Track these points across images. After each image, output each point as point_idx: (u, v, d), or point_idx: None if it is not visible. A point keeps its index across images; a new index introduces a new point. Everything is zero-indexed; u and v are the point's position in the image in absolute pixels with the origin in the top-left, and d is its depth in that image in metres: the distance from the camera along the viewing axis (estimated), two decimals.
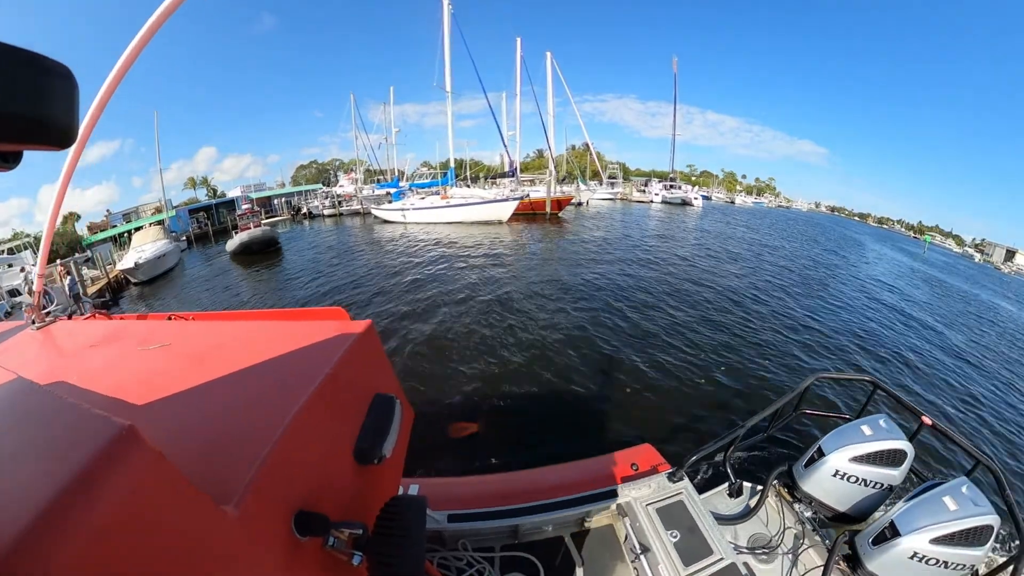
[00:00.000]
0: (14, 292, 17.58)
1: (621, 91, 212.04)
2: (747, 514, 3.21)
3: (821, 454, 2.98)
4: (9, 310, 15.17)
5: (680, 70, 66.64)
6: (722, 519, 3.13)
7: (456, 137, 37.13)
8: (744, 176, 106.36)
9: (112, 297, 22.00)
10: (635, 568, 2.68)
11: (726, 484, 3.42)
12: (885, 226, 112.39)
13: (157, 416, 1.01)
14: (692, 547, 2.63)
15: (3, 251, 25.34)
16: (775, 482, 3.33)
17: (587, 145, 62.79)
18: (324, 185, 65.30)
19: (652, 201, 52.75)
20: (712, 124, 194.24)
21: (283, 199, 55.64)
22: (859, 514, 2.95)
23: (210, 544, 0.65)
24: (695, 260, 18.12)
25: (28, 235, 41.60)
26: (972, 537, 2.29)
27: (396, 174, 56.65)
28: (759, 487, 3.44)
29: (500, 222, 30.30)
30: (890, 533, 2.48)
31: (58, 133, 0.50)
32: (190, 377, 1.19)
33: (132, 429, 0.59)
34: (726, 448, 3.43)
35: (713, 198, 67.85)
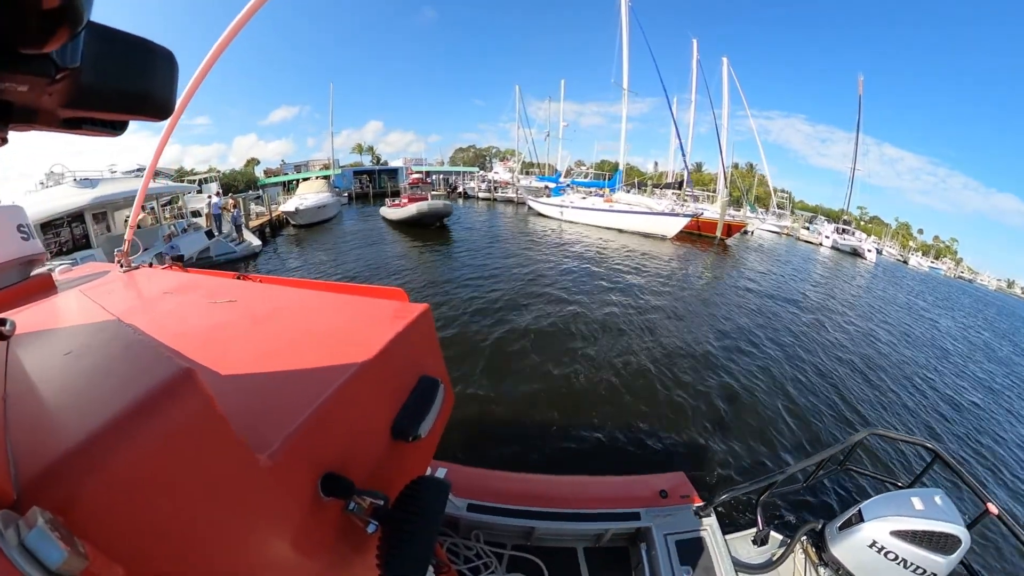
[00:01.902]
0: (196, 213, 20.14)
1: (788, 109, 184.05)
2: (768, 566, 2.95)
3: (860, 518, 2.65)
4: (186, 227, 16.77)
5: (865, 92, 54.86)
6: (741, 565, 2.86)
7: (611, 140, 34.91)
8: (921, 231, 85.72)
9: (271, 233, 23.42)
10: None
11: (753, 530, 3.24)
12: None
13: (214, 364, 1.04)
14: None
15: (196, 181, 28.55)
16: (804, 538, 3.04)
17: (751, 165, 57.01)
18: (480, 169, 66.16)
19: (821, 244, 44.92)
20: (889, 161, 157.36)
21: (441, 176, 58.04)
22: None
23: (239, 486, 0.68)
24: (872, 345, 11.85)
25: (220, 171, 47.56)
26: None
27: (551, 170, 55.62)
28: (786, 539, 3.20)
29: (663, 238, 26.28)
30: None
31: (159, 106, 0.57)
32: (250, 333, 1.26)
33: (190, 371, 0.63)
34: (760, 492, 3.20)
35: (884, 252, 55.84)
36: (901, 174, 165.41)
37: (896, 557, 2.47)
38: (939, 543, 2.40)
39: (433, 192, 28.12)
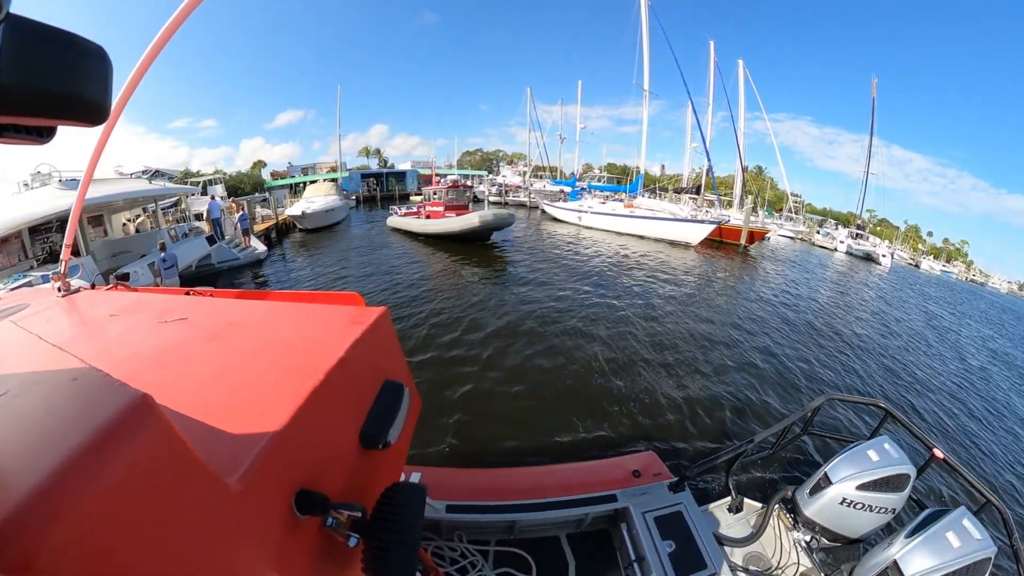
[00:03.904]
0: (200, 216, 19.11)
1: (795, 111, 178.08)
2: (751, 539, 3.09)
3: (828, 481, 2.92)
4: (187, 232, 15.74)
5: (865, 94, 53.37)
6: (726, 540, 3.04)
7: (617, 143, 34.12)
8: (930, 233, 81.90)
9: (277, 238, 22.34)
10: (627, 575, 2.75)
11: (727, 499, 3.40)
12: None
13: (170, 387, 1.01)
14: (686, 559, 2.64)
15: (200, 183, 27.75)
16: (777, 507, 3.24)
17: (760, 168, 55.67)
18: (488, 173, 65.34)
19: (836, 249, 43.44)
20: (897, 162, 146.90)
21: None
22: (861, 537, 2.93)
23: (212, 515, 0.66)
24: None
25: (225, 173, 47.03)
26: (972, 573, 2.29)
27: (561, 174, 54.72)
28: (759, 504, 3.41)
29: (687, 246, 24.78)
30: (894, 575, 2.45)
31: (91, 111, 0.52)
32: (205, 352, 1.21)
33: (147, 398, 0.59)
34: (730, 463, 3.40)
35: (895, 256, 53.99)
36: (909, 176, 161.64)
37: (863, 505, 2.76)
38: (894, 484, 2.73)
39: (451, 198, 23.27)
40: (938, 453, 2.92)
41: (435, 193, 23.73)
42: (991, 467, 6.73)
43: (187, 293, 1.84)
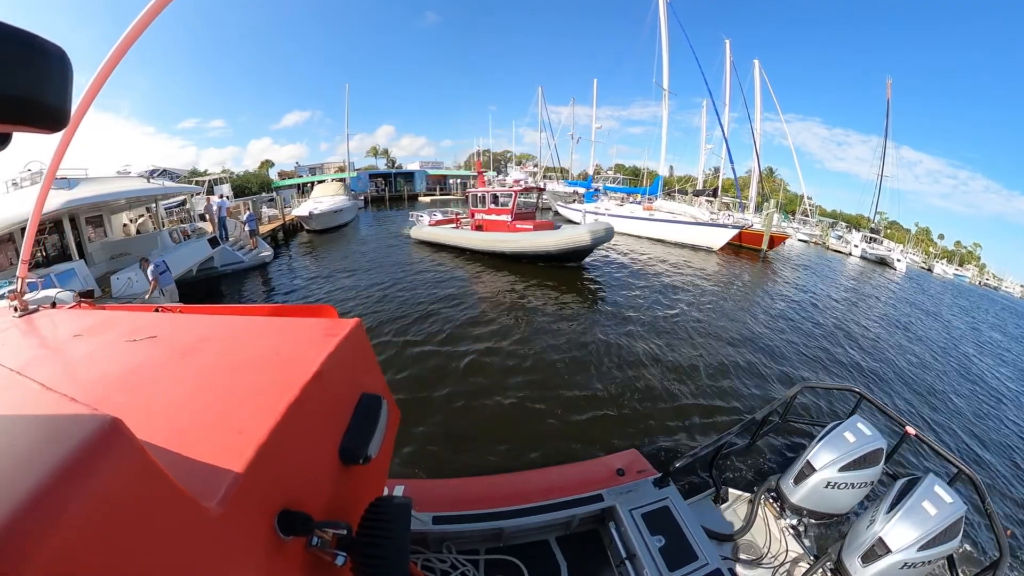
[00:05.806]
0: (202, 216, 18.55)
1: (805, 112, 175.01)
2: (742, 531, 3.17)
3: (812, 469, 3.02)
4: (189, 232, 14.84)
5: (875, 95, 52.47)
6: (717, 536, 3.10)
7: (621, 143, 33.44)
8: (941, 236, 79.82)
9: (284, 238, 21.78)
10: (620, 573, 2.76)
11: (711, 490, 3.49)
12: None
13: (141, 410, 0.98)
14: (678, 553, 2.65)
15: (205, 183, 27.33)
16: (762, 498, 3.33)
17: (771, 169, 54.76)
18: (498, 173, 64.97)
19: (850, 253, 42.18)
20: (907, 163, 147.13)
21: (458, 180, 57.18)
22: (845, 512, 3.09)
23: (192, 543, 0.63)
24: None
25: (231, 172, 46.67)
26: (949, 534, 2.48)
27: (570, 175, 54.12)
28: (743, 493, 3.51)
29: (709, 251, 23.74)
30: (881, 550, 2.54)
31: (49, 116, 0.48)
32: (176, 371, 1.18)
33: (117, 422, 0.56)
34: (712, 455, 3.51)
35: (907, 259, 52.23)
36: (919, 177, 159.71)
37: (846, 484, 2.96)
38: (871, 459, 2.95)
39: (447, 196, 20.77)
40: (910, 430, 3.13)
41: (496, 199, 17.70)
42: None
43: (156, 310, 1.77)
